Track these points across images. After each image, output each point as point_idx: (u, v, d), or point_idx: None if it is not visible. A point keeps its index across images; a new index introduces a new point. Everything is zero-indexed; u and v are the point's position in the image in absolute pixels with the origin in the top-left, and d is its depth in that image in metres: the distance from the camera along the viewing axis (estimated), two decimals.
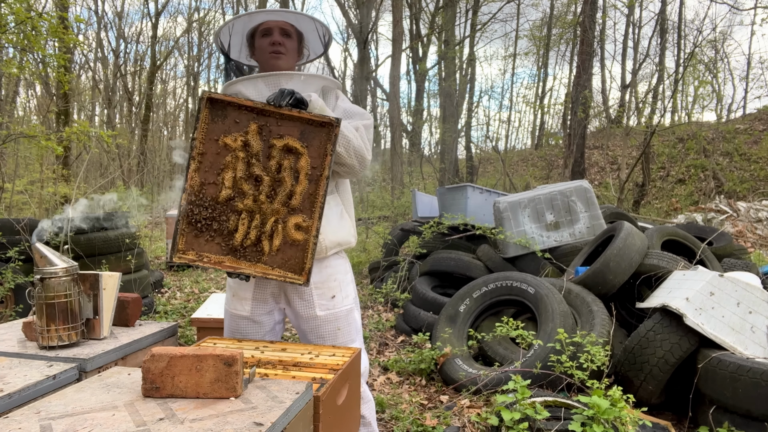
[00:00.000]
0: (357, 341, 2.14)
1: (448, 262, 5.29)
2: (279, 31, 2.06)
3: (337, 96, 2.12)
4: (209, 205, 1.84)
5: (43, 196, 11.36)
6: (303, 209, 1.84)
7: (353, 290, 2.18)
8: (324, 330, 2.07)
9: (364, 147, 1.96)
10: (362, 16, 15.31)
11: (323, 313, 2.05)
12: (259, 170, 1.83)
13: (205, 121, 1.82)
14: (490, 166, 20.59)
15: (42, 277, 1.83)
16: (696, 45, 16.94)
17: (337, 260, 2.11)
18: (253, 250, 1.85)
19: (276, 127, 1.83)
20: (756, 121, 16.71)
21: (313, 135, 1.83)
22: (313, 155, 1.83)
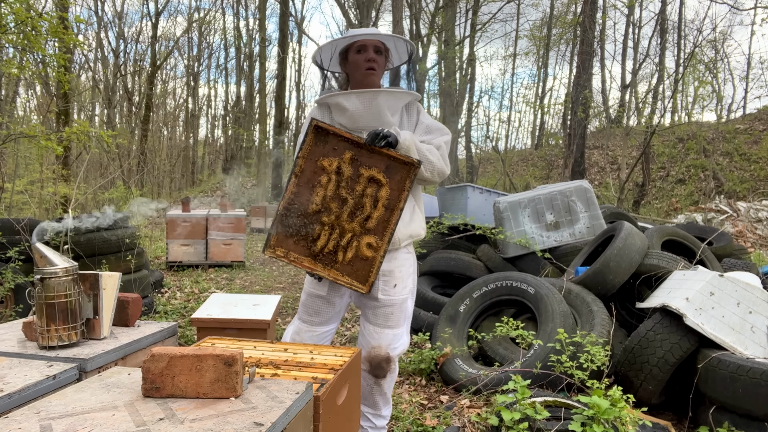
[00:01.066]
0: (404, 325, 2.44)
1: (448, 262, 5.28)
2: (373, 48, 2.30)
3: (419, 111, 2.40)
4: (301, 214, 2.21)
5: (43, 196, 11.36)
6: (376, 231, 2.18)
7: (412, 282, 2.47)
8: (380, 311, 2.36)
9: (444, 164, 2.28)
10: (362, 16, 15.32)
11: (384, 297, 2.34)
12: (346, 193, 2.19)
13: (310, 144, 2.20)
14: (490, 166, 20.59)
15: (42, 277, 1.83)
16: (696, 45, 16.94)
17: (405, 254, 2.40)
18: (329, 257, 2.21)
19: (367, 158, 2.18)
20: (756, 121, 16.71)
21: (396, 170, 2.17)
22: (393, 188, 2.17)
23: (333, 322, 2.46)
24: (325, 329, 2.44)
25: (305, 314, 2.44)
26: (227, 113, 27.26)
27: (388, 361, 2.37)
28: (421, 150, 2.22)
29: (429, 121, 2.38)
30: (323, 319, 2.42)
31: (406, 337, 2.46)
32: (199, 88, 27.41)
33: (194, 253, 7.87)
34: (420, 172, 2.18)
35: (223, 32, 26.22)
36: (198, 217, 7.90)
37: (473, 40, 20.92)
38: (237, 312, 3.35)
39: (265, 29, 19.44)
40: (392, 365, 2.40)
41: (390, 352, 2.36)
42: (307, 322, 2.43)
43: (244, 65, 24.68)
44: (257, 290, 6.71)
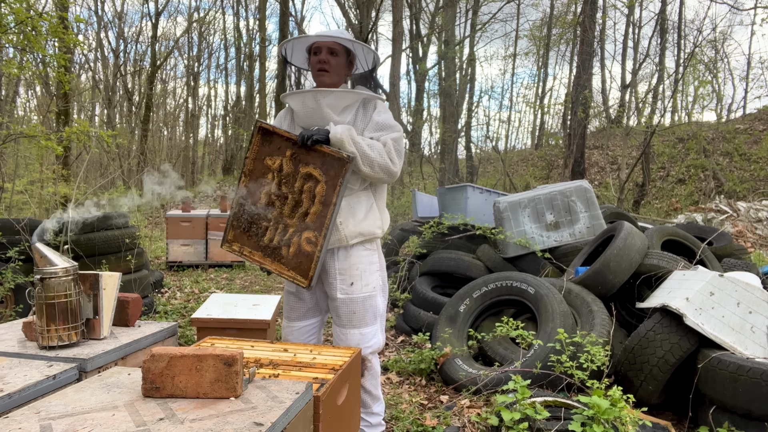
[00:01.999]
0: (374, 324, 2.42)
1: (448, 262, 5.28)
2: (326, 50, 2.33)
3: (375, 108, 2.38)
4: (251, 211, 2.34)
5: (43, 196, 11.35)
6: (314, 227, 2.23)
7: (376, 279, 2.45)
8: (342, 311, 2.38)
9: (390, 162, 2.26)
10: (362, 16, 15.32)
11: (342, 296, 2.36)
12: (287, 189, 2.29)
13: (257, 144, 2.34)
14: (490, 166, 20.58)
15: (42, 277, 1.83)
16: (696, 45, 16.94)
17: (361, 251, 2.39)
18: (276, 251, 2.30)
19: (305, 156, 2.26)
20: (756, 121, 16.71)
21: (331, 166, 2.22)
22: (329, 183, 2.22)
23: (310, 317, 2.52)
24: (302, 324, 2.50)
25: (285, 311, 2.57)
26: (227, 113, 27.25)
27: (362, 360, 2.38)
28: (359, 144, 2.21)
29: (381, 119, 2.36)
30: (298, 314, 2.50)
31: (380, 336, 2.48)
32: (199, 88, 27.40)
33: (194, 253, 7.87)
34: (357, 166, 2.20)
35: (223, 32, 26.22)
36: (198, 217, 7.91)
37: (473, 40, 20.92)
38: (237, 312, 3.35)
39: (265, 29, 19.44)
40: (367, 364, 2.42)
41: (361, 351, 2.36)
42: (287, 318, 2.54)
43: (244, 65, 24.67)
44: (257, 290, 6.71)
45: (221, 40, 27.08)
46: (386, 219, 2.50)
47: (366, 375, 2.45)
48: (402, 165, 2.34)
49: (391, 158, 2.27)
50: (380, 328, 2.49)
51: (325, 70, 2.33)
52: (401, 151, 2.32)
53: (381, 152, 2.24)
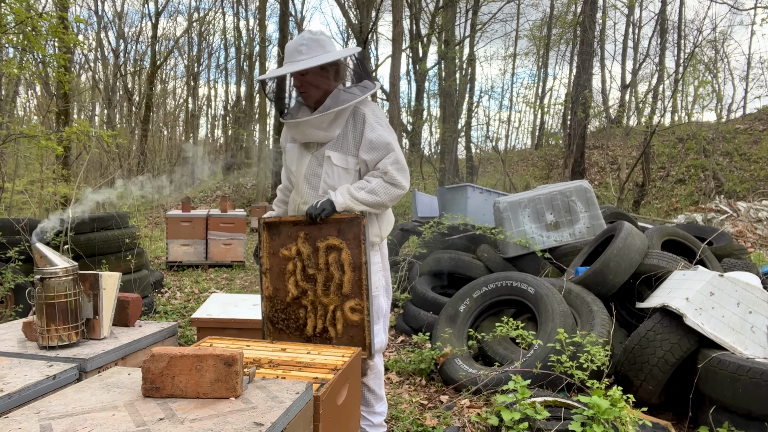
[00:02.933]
0: (378, 323, 2.43)
1: (448, 262, 5.28)
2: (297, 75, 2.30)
3: (364, 120, 2.31)
4: (283, 308, 2.32)
5: (43, 196, 11.35)
6: (354, 294, 2.23)
7: (379, 279, 2.45)
8: None
9: (396, 188, 2.27)
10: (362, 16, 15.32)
11: None
12: (313, 270, 2.27)
13: (266, 240, 2.34)
14: (490, 166, 20.58)
15: (42, 277, 1.83)
16: (696, 45, 16.94)
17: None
18: (323, 336, 2.27)
19: (318, 231, 2.26)
20: (756, 121, 16.71)
21: (348, 230, 2.23)
22: (352, 247, 2.22)
23: None
24: None
25: None
26: (227, 113, 27.25)
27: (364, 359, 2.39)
28: (365, 200, 2.22)
29: (373, 136, 2.28)
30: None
31: (384, 335, 2.49)
32: (199, 88, 27.41)
33: (194, 253, 7.87)
34: (370, 215, 2.26)
35: (223, 32, 26.22)
36: (198, 217, 7.90)
37: (473, 40, 20.91)
38: (237, 312, 3.35)
39: (265, 29, 19.44)
40: (369, 363, 2.43)
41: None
42: None
43: (244, 65, 24.67)
44: (257, 290, 6.71)
45: (221, 40, 27.09)
46: (386, 226, 2.49)
47: (369, 374, 2.46)
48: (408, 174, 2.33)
49: (396, 183, 2.26)
50: (383, 327, 2.51)
51: (304, 91, 2.33)
52: (404, 167, 2.30)
53: (386, 189, 2.25)
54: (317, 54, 2.25)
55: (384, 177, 2.26)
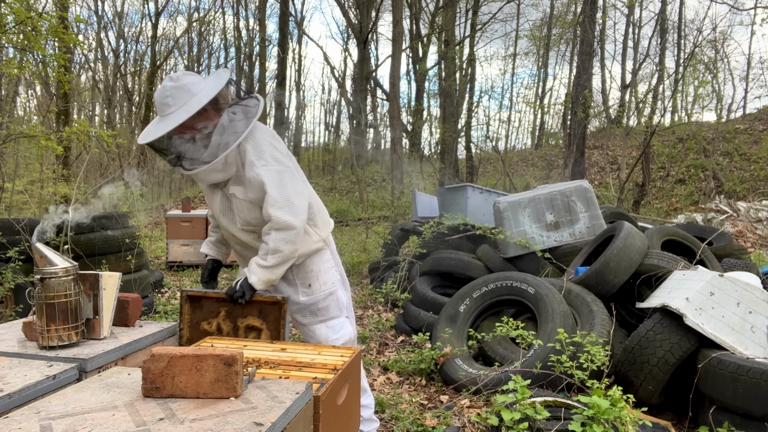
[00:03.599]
0: (339, 315, 2.50)
1: (448, 262, 5.28)
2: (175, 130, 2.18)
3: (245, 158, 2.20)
4: None
5: (43, 196, 11.35)
6: None
7: (333, 275, 2.51)
8: (306, 311, 2.45)
9: (288, 233, 2.18)
10: (362, 16, 15.32)
11: (304, 298, 2.44)
12: None
13: (188, 312, 2.33)
14: (490, 166, 20.58)
15: (42, 277, 1.83)
16: (696, 45, 16.94)
17: (309, 260, 2.44)
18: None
19: (240, 310, 2.28)
20: (756, 121, 16.71)
21: (269, 312, 2.26)
22: (271, 328, 2.25)
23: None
24: None
25: None
26: None
27: None
28: (272, 265, 2.19)
29: (250, 174, 2.19)
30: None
31: (350, 326, 2.53)
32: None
33: (194, 253, 7.87)
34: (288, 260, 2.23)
35: (223, 32, 26.22)
36: (198, 217, 7.90)
37: (473, 40, 20.91)
38: None
39: (265, 29, 19.44)
40: None
41: (333, 344, 2.40)
42: None
43: (244, 65, 24.67)
44: None
45: (221, 40, 27.08)
46: (324, 226, 2.47)
47: None
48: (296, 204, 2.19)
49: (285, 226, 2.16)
50: (349, 320, 2.54)
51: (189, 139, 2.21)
52: (286, 202, 2.17)
53: (282, 238, 2.17)
54: (185, 101, 2.13)
55: (272, 225, 2.18)
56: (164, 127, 2.14)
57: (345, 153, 24.83)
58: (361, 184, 16.92)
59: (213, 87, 2.18)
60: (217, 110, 2.22)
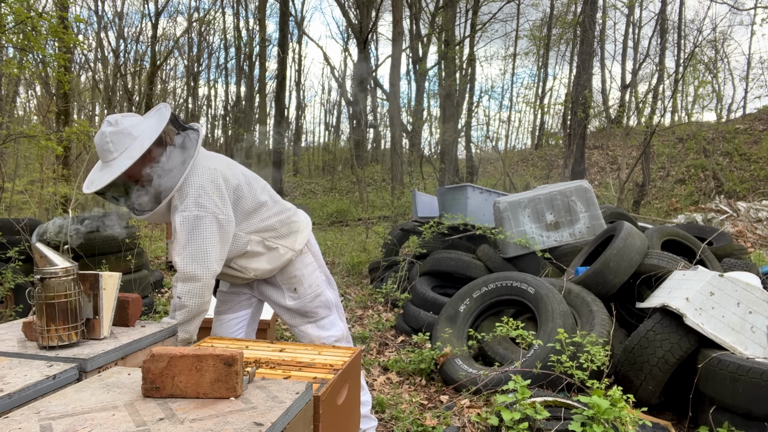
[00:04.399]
0: (329, 315, 2.51)
1: (448, 262, 5.28)
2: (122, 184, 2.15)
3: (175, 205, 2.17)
4: None
5: (43, 196, 11.35)
6: None
7: (318, 276, 2.53)
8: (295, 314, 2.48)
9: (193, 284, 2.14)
10: (362, 16, 15.33)
11: (291, 303, 2.46)
12: None
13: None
14: (490, 166, 20.59)
15: (42, 277, 1.83)
16: (696, 45, 16.94)
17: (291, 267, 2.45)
18: None
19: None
20: (756, 121, 16.72)
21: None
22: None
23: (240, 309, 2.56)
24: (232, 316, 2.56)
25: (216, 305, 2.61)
26: (227, 113, 27.25)
27: None
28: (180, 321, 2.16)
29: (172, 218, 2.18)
30: (229, 306, 2.56)
31: (341, 324, 2.55)
32: (199, 88, 27.40)
33: None
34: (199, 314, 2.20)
35: (223, 32, 26.23)
36: None
37: (473, 40, 20.91)
38: None
39: (265, 29, 19.44)
40: None
41: (325, 342, 2.44)
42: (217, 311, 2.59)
43: (244, 65, 24.68)
44: None
45: (221, 40, 27.09)
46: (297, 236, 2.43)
47: None
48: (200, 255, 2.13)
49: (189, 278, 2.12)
50: (338, 317, 2.56)
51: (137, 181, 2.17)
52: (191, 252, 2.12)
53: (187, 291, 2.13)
54: (126, 145, 2.07)
55: (178, 276, 2.15)
56: (108, 176, 2.07)
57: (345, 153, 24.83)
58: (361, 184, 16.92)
59: (154, 127, 2.12)
60: (162, 146, 2.15)
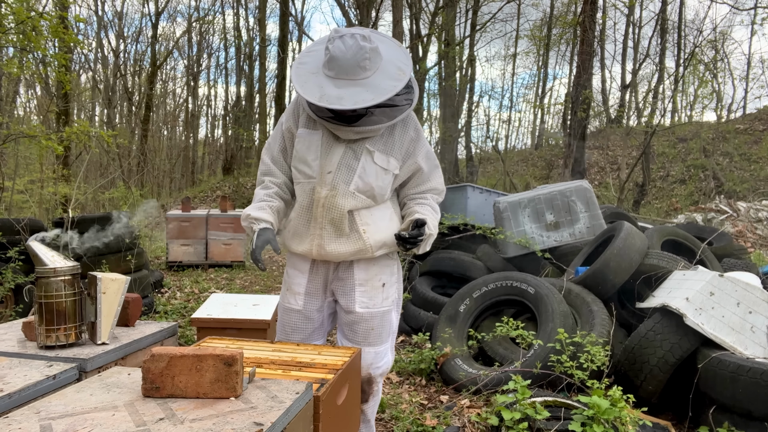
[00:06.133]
0: (387, 342, 2.24)
1: (448, 262, 5.28)
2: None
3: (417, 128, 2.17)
4: None
5: (43, 195, 11.35)
6: None
7: (395, 292, 2.27)
8: (359, 327, 2.17)
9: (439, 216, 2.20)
10: (362, 16, 15.32)
11: (361, 310, 2.15)
12: None
13: None
14: (490, 166, 20.58)
15: (42, 277, 1.83)
16: (696, 45, 16.94)
17: (386, 260, 2.21)
18: None
19: None
20: (756, 121, 16.71)
21: None
22: None
23: (315, 339, 2.26)
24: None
25: (283, 332, 2.26)
26: (227, 113, 27.22)
27: (369, 382, 2.19)
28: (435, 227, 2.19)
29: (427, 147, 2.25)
30: (302, 336, 2.22)
31: (391, 355, 2.29)
32: (199, 88, 27.37)
33: (194, 253, 7.87)
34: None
35: (223, 32, 26.20)
36: (198, 217, 7.90)
37: (473, 40, 20.91)
38: (237, 312, 3.35)
39: (265, 29, 19.43)
40: (374, 387, 2.22)
41: (372, 372, 2.19)
42: (285, 339, 2.23)
43: (244, 65, 24.64)
44: (257, 290, 6.71)
45: (221, 41, 27.05)
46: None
47: (370, 401, 2.25)
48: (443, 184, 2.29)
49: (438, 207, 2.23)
50: (391, 346, 2.30)
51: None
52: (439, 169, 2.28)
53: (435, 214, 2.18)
54: (378, 64, 1.96)
55: (440, 198, 2.24)
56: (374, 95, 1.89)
57: None
58: None
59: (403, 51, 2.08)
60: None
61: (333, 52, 1.89)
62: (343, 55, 1.88)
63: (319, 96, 1.88)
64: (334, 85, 1.91)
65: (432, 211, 2.16)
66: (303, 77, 1.97)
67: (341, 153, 2.05)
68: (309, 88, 1.92)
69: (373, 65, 1.93)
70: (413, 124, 2.15)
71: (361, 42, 1.89)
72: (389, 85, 1.91)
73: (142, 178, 16.98)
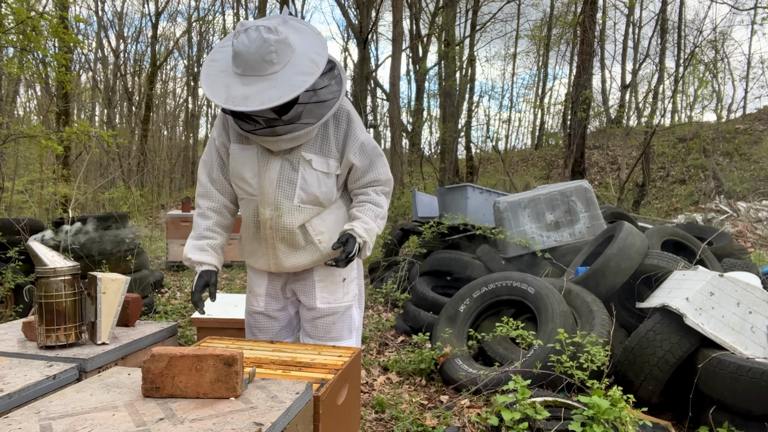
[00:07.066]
0: (350, 337, 2.22)
1: (448, 262, 5.28)
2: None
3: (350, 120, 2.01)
4: None
5: (43, 195, 11.35)
6: None
7: (356, 288, 2.25)
8: (319, 322, 2.17)
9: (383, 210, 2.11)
10: (362, 16, 15.32)
11: (323, 305, 2.14)
12: None
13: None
14: (490, 166, 20.57)
15: (42, 277, 1.83)
16: (696, 45, 16.94)
17: None
18: None
19: None
20: (756, 121, 16.71)
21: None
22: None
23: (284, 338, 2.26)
24: None
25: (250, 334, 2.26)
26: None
27: None
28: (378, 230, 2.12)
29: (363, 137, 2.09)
30: (268, 336, 2.22)
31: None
32: (199, 88, 27.33)
33: None
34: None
35: (223, 32, 26.18)
36: None
37: (473, 40, 20.90)
38: (237, 312, 3.35)
39: None
40: None
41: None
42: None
43: None
44: None
45: (221, 40, 27.05)
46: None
47: None
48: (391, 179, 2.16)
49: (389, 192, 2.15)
50: (357, 342, 2.27)
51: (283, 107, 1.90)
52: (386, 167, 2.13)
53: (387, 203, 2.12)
54: (288, 58, 1.80)
55: (385, 188, 2.13)
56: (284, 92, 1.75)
57: None
58: None
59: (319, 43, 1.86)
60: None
61: (236, 47, 1.76)
62: (247, 49, 1.75)
63: (225, 97, 1.78)
64: (242, 83, 1.79)
65: (369, 210, 2.06)
66: (211, 76, 1.85)
67: (278, 167, 1.96)
68: (216, 89, 1.80)
69: (281, 59, 1.78)
70: (345, 115, 2.01)
71: (265, 34, 1.74)
72: (299, 80, 1.76)
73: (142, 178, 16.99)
